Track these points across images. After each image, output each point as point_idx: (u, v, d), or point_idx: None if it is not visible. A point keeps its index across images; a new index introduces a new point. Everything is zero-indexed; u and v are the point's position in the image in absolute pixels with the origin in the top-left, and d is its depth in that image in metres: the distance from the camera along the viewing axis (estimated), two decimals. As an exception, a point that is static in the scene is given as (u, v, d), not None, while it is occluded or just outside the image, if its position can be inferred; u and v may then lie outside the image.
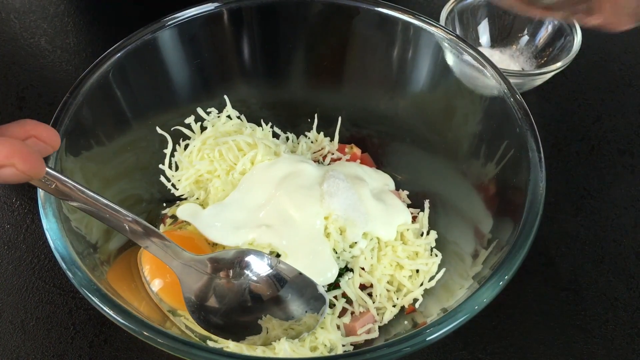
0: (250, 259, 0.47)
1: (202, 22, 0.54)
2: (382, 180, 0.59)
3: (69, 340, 0.52)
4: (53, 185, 0.39)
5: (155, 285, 0.49)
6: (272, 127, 0.61)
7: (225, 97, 0.60)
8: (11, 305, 0.54)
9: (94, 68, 0.50)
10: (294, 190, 0.53)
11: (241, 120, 0.61)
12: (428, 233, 0.55)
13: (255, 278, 0.47)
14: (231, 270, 0.47)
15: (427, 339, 0.38)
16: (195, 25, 0.54)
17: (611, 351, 0.52)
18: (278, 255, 0.51)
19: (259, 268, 0.47)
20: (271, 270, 0.48)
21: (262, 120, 0.61)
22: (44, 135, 0.38)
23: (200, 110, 0.59)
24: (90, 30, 0.77)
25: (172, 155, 0.58)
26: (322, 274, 0.50)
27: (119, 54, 0.51)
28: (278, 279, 0.48)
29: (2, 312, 0.53)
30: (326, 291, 0.50)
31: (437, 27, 0.53)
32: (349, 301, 0.51)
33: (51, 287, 0.55)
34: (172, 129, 0.58)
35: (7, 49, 0.75)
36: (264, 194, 0.54)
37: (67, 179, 0.40)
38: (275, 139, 0.61)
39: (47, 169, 0.39)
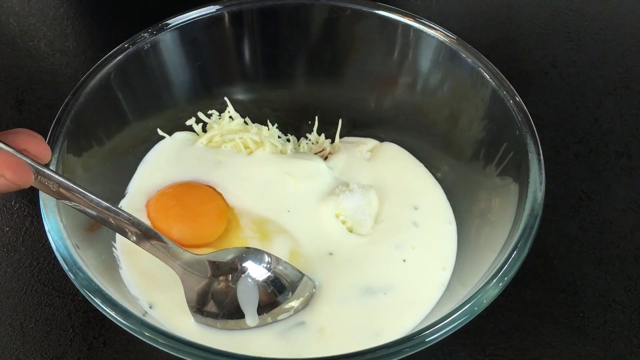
0: (249, 264, 0.48)
1: (203, 24, 0.54)
2: None
3: (67, 342, 0.52)
4: (55, 189, 0.40)
5: None
6: (277, 128, 0.62)
7: (226, 98, 0.60)
8: (10, 308, 0.54)
9: (96, 70, 0.50)
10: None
11: (246, 122, 0.61)
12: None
13: (252, 283, 0.47)
14: (230, 275, 0.47)
15: (427, 340, 0.38)
16: (196, 27, 0.54)
17: (609, 352, 0.52)
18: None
19: (257, 272, 0.48)
20: (269, 274, 0.48)
21: (268, 121, 0.62)
22: (35, 150, 0.39)
23: (201, 115, 0.59)
24: (89, 34, 0.77)
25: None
26: None
27: (120, 56, 0.51)
28: (276, 283, 0.48)
29: (2, 315, 0.53)
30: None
31: (438, 30, 0.53)
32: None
33: (50, 290, 0.55)
34: (173, 134, 0.59)
35: (7, 52, 0.75)
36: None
37: (68, 182, 0.40)
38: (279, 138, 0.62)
39: (49, 172, 0.39)
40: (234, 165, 0.56)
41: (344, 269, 0.51)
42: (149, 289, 0.48)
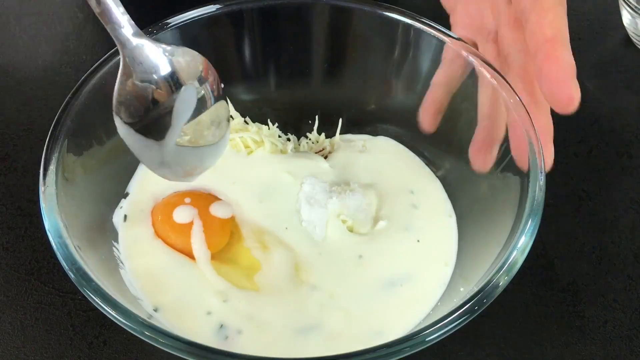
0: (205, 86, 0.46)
1: (203, 24, 0.54)
2: None
3: (67, 341, 0.52)
4: None
5: None
6: (277, 127, 0.62)
7: (226, 97, 0.60)
8: (10, 307, 0.54)
9: (96, 69, 0.50)
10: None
11: (246, 122, 0.61)
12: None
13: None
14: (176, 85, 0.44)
15: (427, 339, 0.38)
16: (196, 27, 0.54)
17: (609, 352, 0.52)
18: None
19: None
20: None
21: (268, 120, 0.61)
22: None
23: (200, 113, 0.59)
24: (90, 33, 0.77)
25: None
26: None
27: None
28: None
29: (2, 314, 0.53)
30: None
31: (438, 30, 0.53)
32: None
33: (50, 289, 0.55)
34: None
35: (7, 51, 0.75)
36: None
37: None
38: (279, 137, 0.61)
39: None
40: (234, 167, 0.56)
41: (357, 269, 0.51)
42: (153, 292, 0.48)
